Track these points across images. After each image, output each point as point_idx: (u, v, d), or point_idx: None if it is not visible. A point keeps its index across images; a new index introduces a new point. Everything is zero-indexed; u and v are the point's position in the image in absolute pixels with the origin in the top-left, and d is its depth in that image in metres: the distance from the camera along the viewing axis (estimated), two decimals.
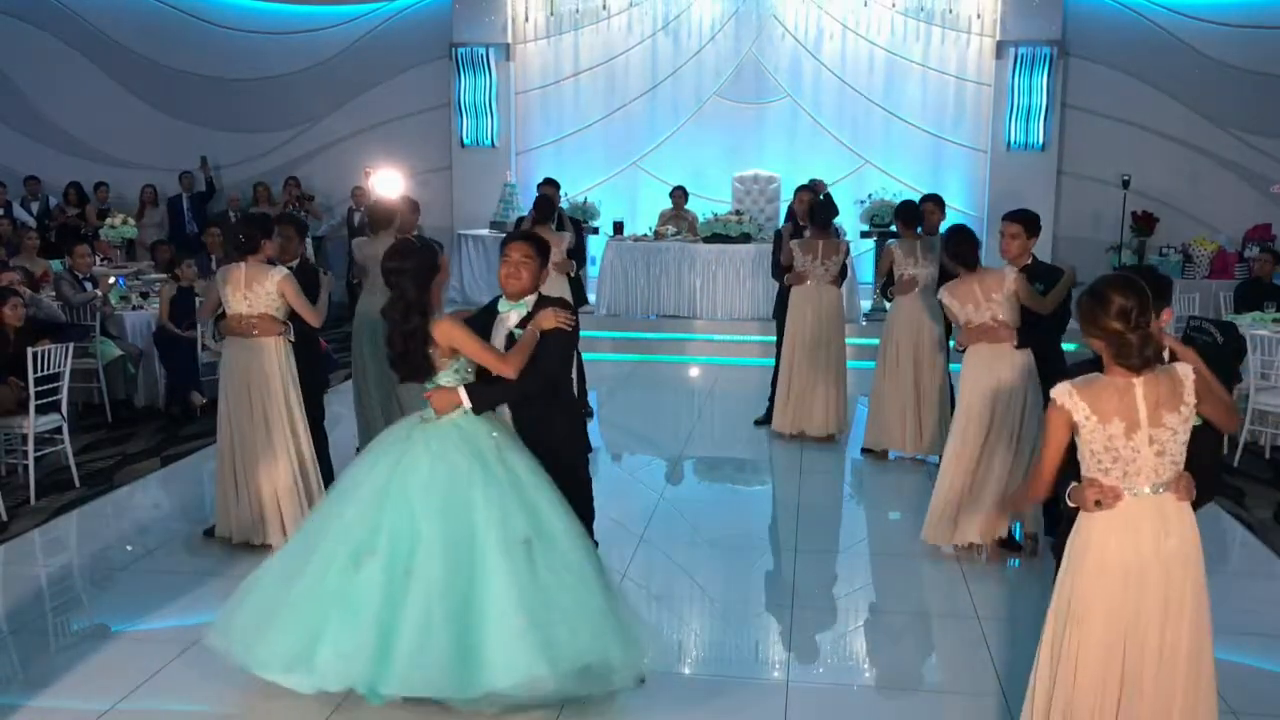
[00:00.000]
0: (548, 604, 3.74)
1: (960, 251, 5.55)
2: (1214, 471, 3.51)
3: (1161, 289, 3.35)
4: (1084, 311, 3.10)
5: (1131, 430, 3.05)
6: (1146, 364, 3.05)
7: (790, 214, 8.40)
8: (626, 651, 3.86)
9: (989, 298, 5.43)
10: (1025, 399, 5.40)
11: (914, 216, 7.20)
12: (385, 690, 3.78)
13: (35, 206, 13.18)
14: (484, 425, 4.03)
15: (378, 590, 3.75)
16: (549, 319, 4.06)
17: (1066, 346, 5.90)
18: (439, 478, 3.84)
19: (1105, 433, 3.05)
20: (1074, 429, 3.09)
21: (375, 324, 5.82)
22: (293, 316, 5.59)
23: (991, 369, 5.42)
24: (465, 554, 3.75)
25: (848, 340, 7.95)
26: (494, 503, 3.81)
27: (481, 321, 4.24)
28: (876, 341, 7.68)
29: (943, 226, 7.52)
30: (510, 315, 4.12)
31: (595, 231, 11.65)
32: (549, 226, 8.20)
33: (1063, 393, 3.08)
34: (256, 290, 5.43)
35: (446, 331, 3.95)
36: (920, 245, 7.10)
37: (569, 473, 4.23)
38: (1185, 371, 3.12)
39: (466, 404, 3.98)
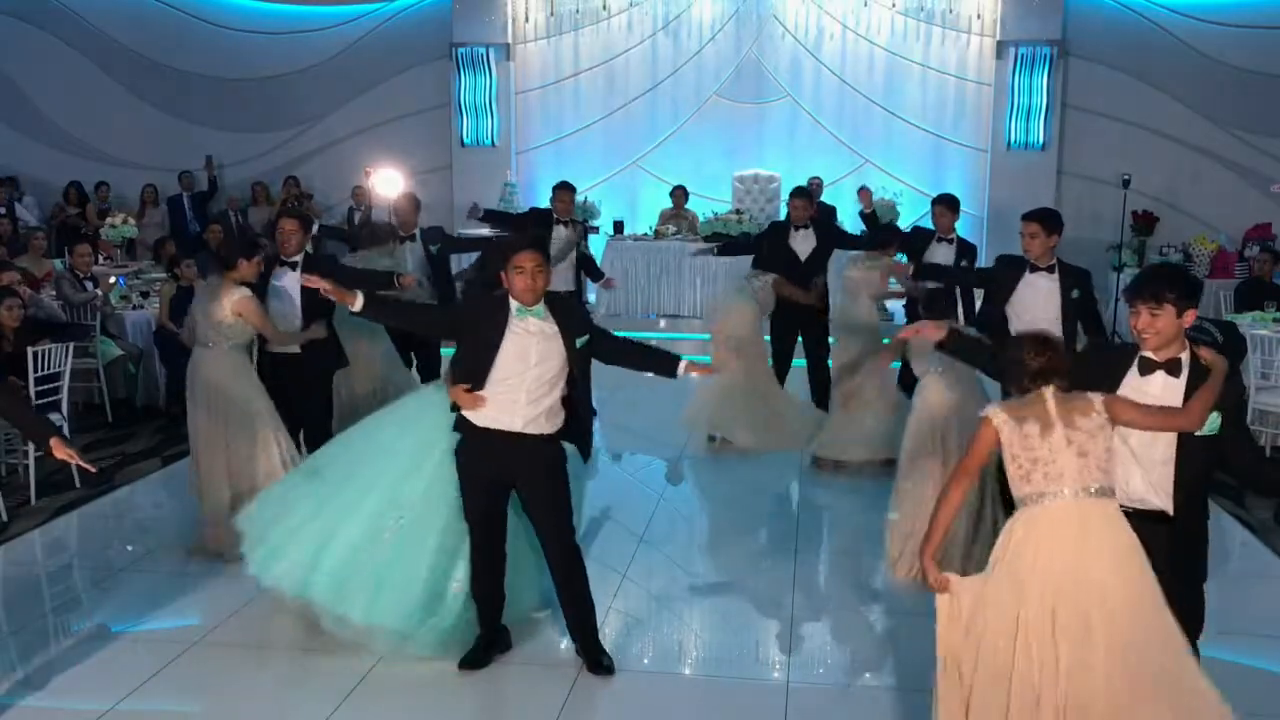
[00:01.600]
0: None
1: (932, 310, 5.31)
2: (1260, 469, 3.58)
3: (1192, 289, 3.39)
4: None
5: (1046, 431, 3.16)
6: (1027, 387, 3.26)
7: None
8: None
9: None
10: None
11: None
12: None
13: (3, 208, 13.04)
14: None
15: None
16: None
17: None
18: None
19: (1021, 431, 3.19)
20: (998, 443, 3.25)
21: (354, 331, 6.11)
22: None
23: (940, 395, 5.27)
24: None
25: None
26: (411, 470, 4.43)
27: (479, 309, 4.27)
28: None
29: (959, 227, 7.60)
30: (529, 321, 4.10)
31: (595, 230, 11.65)
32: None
33: (994, 410, 3.29)
34: (215, 309, 5.45)
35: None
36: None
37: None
38: (1095, 396, 3.24)
39: None
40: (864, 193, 8.79)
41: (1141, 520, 3.29)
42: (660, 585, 5.38)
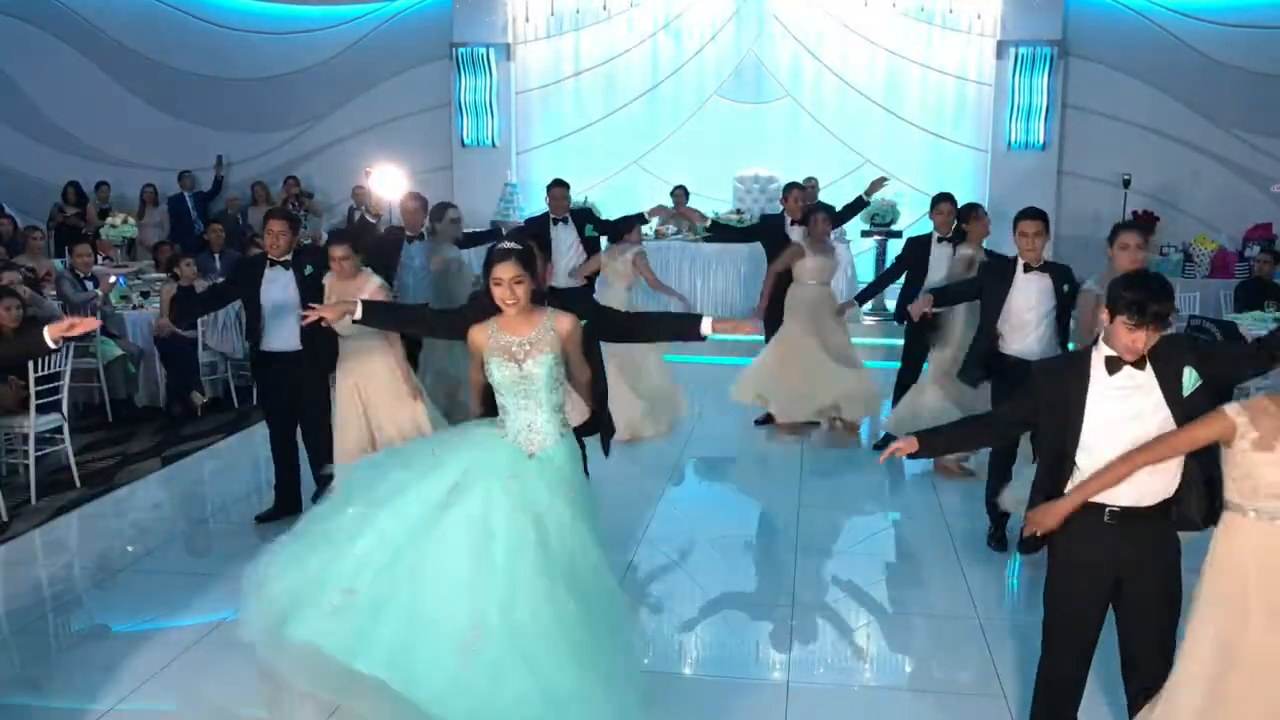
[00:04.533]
0: None
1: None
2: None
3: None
4: None
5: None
6: None
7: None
8: None
9: None
10: None
11: None
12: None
13: None
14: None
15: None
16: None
17: None
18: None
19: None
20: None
21: None
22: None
23: None
24: None
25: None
26: None
27: (480, 315, 4.05)
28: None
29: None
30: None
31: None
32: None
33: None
34: None
35: None
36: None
37: None
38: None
39: None
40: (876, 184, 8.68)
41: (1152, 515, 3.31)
42: (660, 585, 5.39)
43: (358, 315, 4.26)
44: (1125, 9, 12.33)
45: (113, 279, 9.17)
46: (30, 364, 6.42)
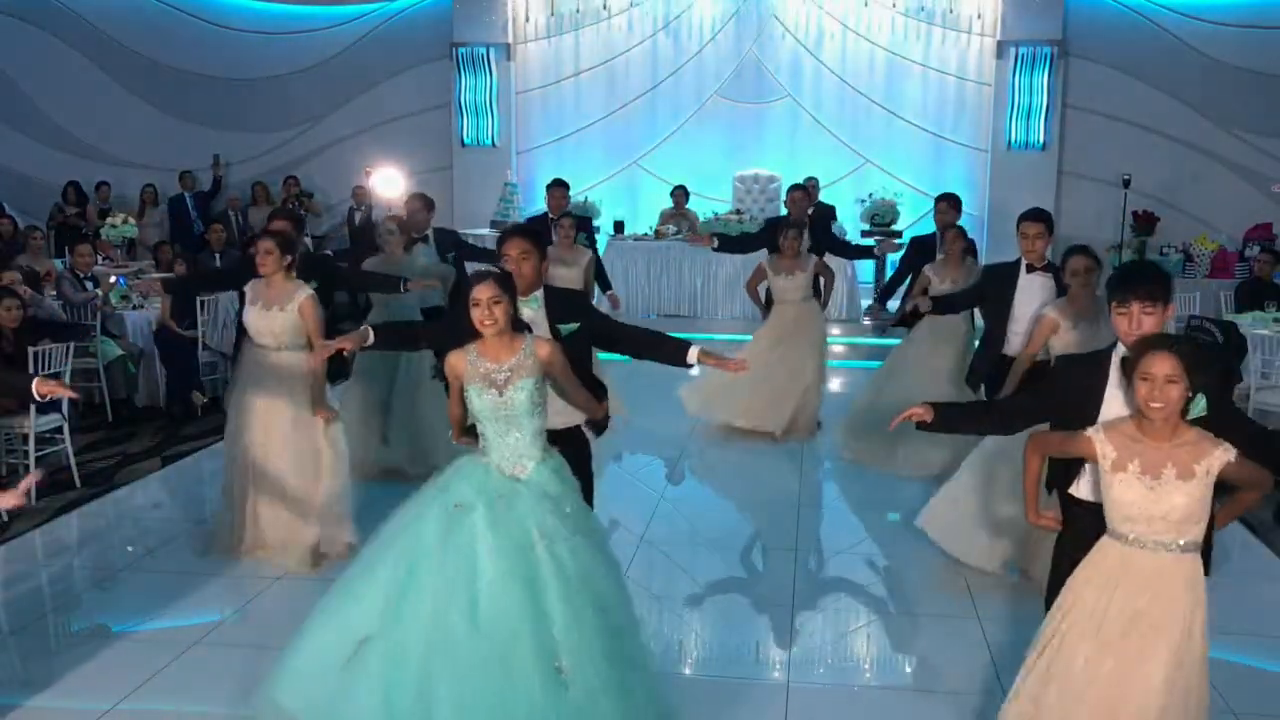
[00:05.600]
0: None
1: None
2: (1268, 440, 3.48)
3: (1172, 286, 3.39)
4: None
5: None
6: None
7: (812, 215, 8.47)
8: None
9: None
10: None
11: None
12: None
13: None
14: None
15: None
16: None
17: None
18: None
19: None
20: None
21: None
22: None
23: None
24: None
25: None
26: None
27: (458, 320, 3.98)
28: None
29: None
30: (524, 312, 4.05)
31: (596, 231, 11.66)
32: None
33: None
34: None
35: None
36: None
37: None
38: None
39: None
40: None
41: None
42: (660, 585, 5.39)
43: (369, 343, 4.22)
44: (1125, 9, 12.33)
45: (113, 279, 9.16)
46: (30, 364, 6.42)
